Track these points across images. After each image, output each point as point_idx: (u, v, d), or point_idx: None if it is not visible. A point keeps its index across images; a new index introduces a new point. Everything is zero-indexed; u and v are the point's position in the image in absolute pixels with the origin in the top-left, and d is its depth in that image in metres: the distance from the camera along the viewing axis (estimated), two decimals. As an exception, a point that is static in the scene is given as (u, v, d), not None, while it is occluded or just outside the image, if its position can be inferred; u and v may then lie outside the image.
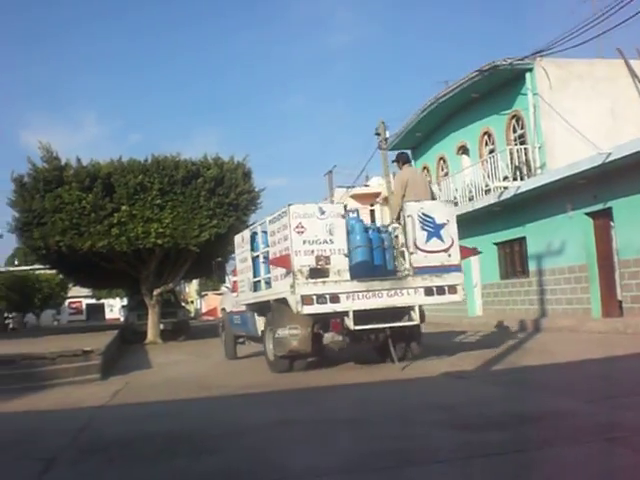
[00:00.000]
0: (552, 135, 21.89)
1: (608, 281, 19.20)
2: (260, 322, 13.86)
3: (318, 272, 11.20)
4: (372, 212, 45.01)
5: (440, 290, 11.94)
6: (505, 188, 22.09)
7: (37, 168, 24.67)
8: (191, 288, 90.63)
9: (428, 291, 11.86)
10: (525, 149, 22.62)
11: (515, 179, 22.08)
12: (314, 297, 11.18)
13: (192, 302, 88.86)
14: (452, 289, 11.99)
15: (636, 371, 9.84)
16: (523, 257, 23.37)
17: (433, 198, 13.92)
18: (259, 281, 13.34)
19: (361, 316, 11.34)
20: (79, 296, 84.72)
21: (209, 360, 17.50)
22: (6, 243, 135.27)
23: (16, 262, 69.50)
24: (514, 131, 24.05)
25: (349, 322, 11.29)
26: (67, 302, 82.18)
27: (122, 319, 40.74)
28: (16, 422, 8.93)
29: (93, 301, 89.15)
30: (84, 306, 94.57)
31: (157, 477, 5.56)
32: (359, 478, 5.17)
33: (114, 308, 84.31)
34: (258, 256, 13.41)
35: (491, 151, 24.93)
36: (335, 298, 11.26)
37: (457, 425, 6.63)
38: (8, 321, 57.79)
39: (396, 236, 12.77)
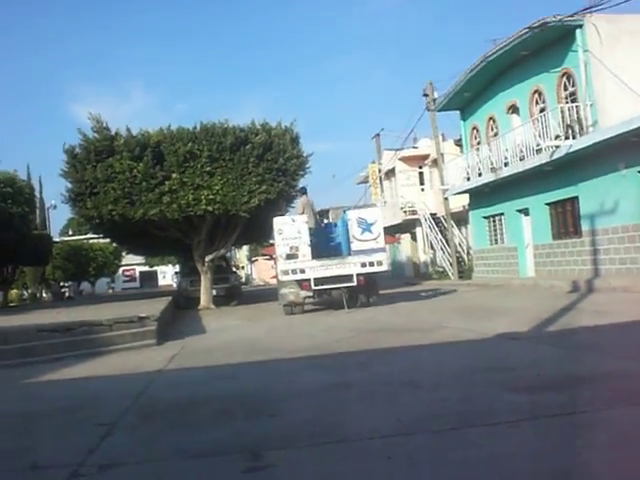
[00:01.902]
0: (604, 92, 21.45)
1: (663, 240, 18.89)
2: None
3: (292, 256, 19.08)
4: (421, 174, 44.68)
5: (371, 264, 19.03)
6: (557, 147, 21.77)
7: (88, 139, 24.94)
8: (241, 254, 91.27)
9: (362, 265, 19.02)
10: (577, 107, 22.22)
11: (567, 138, 21.72)
12: (289, 270, 19.12)
13: (243, 268, 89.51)
14: (379, 263, 19.12)
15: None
16: (575, 217, 23.07)
17: (315, 215, 21.65)
18: None
19: (319, 280, 19.10)
20: (132, 264, 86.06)
21: (262, 324, 17.66)
22: (60, 214, 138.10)
23: (70, 232, 70.61)
24: (565, 89, 23.61)
25: (312, 284, 19.09)
26: (121, 270, 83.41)
27: (175, 286, 41.22)
28: (76, 388, 9.11)
29: (146, 268, 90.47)
30: (137, 273, 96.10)
31: (217, 440, 5.64)
32: (417, 440, 5.19)
33: (167, 275, 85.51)
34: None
35: (542, 110, 24.51)
36: (302, 270, 19.07)
37: (514, 386, 6.61)
38: (64, 290, 58.99)
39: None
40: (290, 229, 19.33)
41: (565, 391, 6.29)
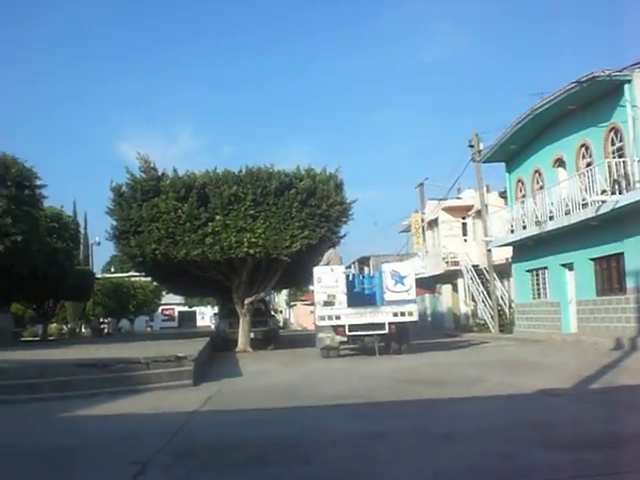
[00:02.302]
0: (652, 148, 21.22)
1: None
2: None
3: (329, 303, 20.46)
4: (464, 225, 44.46)
5: (402, 314, 20.38)
6: (603, 202, 21.54)
7: (135, 178, 25.34)
8: (280, 298, 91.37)
9: (394, 314, 20.37)
10: (624, 162, 22.00)
11: (613, 193, 21.49)
12: (326, 316, 20.49)
13: (281, 312, 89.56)
14: (410, 313, 20.49)
15: None
16: (621, 273, 22.71)
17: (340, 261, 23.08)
18: None
19: (353, 327, 20.45)
20: (172, 303, 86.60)
21: (299, 370, 17.56)
22: (103, 251, 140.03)
23: (112, 269, 71.35)
24: (612, 144, 23.43)
25: (346, 330, 20.46)
26: (160, 309, 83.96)
27: (213, 327, 41.33)
28: (111, 425, 9.11)
29: (185, 308, 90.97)
30: (176, 313, 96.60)
31: (249, 485, 5.58)
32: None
33: (205, 316, 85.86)
34: None
35: (588, 164, 24.33)
36: (338, 317, 20.44)
37: (554, 444, 6.46)
38: (103, 326, 59.40)
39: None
40: (328, 278, 20.84)
41: (606, 451, 6.12)
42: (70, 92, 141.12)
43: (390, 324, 20.40)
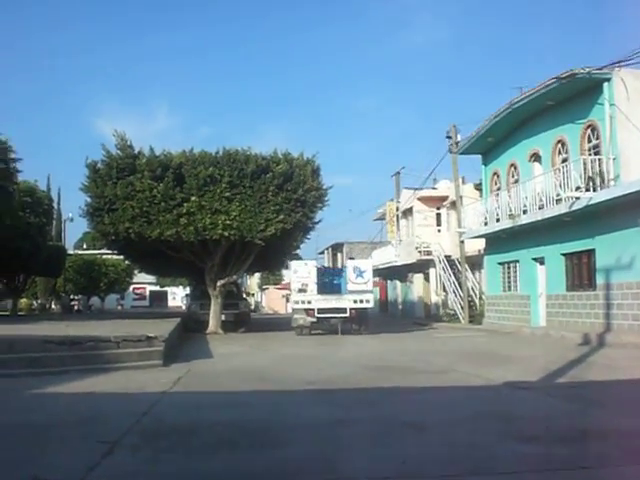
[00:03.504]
0: (628, 147, 21.38)
1: (678, 299, 18.71)
2: None
3: (302, 290, 25.47)
4: (438, 215, 44.63)
5: (361, 301, 25.56)
6: (577, 198, 21.68)
7: (111, 155, 25.15)
8: (252, 281, 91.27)
9: (355, 301, 25.49)
10: (599, 160, 22.14)
11: (588, 190, 21.63)
12: (300, 301, 25.68)
13: (253, 295, 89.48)
14: (367, 301, 25.90)
15: None
16: (591, 269, 22.91)
17: None
18: None
19: (322, 310, 25.33)
20: (143, 282, 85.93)
21: (269, 353, 17.61)
22: (76, 227, 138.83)
23: (84, 246, 70.81)
24: (589, 141, 23.56)
25: (315, 312, 25.31)
26: (131, 288, 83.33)
27: (184, 307, 41.21)
28: (80, 403, 9.07)
29: (157, 288, 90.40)
30: (148, 292, 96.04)
31: (217, 468, 5.58)
32: (420, 484, 5.14)
33: (177, 296, 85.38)
34: None
35: (564, 160, 24.47)
36: (309, 302, 25.45)
37: (521, 437, 6.53)
38: (74, 303, 59.01)
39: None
40: (303, 270, 26.03)
41: (572, 445, 6.22)
42: (48, 66, 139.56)
43: (351, 309, 25.54)
